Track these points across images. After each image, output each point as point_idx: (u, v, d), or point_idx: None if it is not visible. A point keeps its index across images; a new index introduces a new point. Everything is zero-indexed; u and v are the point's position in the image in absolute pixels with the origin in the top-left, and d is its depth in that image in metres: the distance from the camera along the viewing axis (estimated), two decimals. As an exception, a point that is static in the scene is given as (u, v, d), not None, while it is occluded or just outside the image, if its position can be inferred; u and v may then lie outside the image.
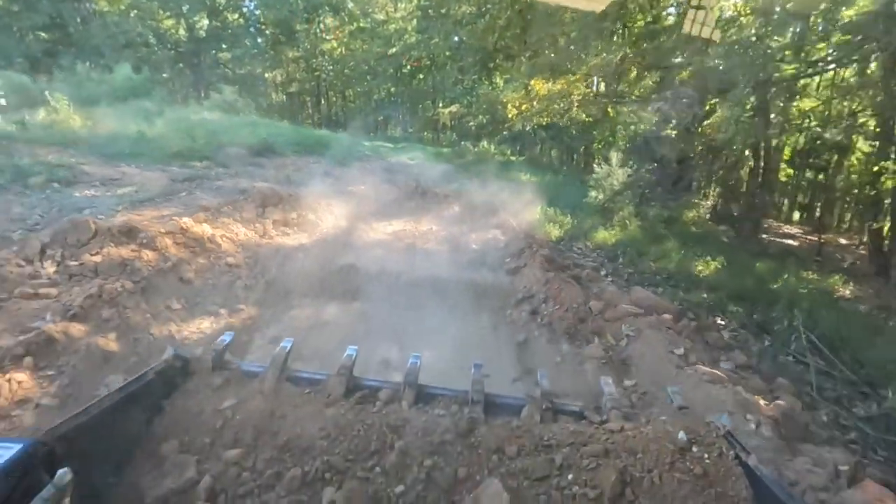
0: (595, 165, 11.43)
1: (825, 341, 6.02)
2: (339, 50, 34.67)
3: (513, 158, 22.23)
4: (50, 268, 4.25)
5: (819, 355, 5.78)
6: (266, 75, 35.73)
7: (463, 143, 24.47)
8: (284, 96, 38.82)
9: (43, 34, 28.15)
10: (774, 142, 15.32)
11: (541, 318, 5.11)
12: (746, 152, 16.53)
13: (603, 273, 7.71)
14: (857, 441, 4.22)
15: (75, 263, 4.33)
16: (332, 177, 11.30)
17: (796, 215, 21.07)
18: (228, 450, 1.97)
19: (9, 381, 3.01)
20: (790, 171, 17.67)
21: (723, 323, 6.47)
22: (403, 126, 36.52)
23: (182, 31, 29.76)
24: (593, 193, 10.80)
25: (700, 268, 8.58)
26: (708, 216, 14.23)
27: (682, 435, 1.98)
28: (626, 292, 6.39)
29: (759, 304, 7.22)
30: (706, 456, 1.91)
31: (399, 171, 13.72)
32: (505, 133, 23.71)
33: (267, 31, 32.53)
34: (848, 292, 9.20)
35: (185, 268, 4.93)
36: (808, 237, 15.92)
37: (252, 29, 33.29)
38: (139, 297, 4.23)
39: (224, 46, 30.68)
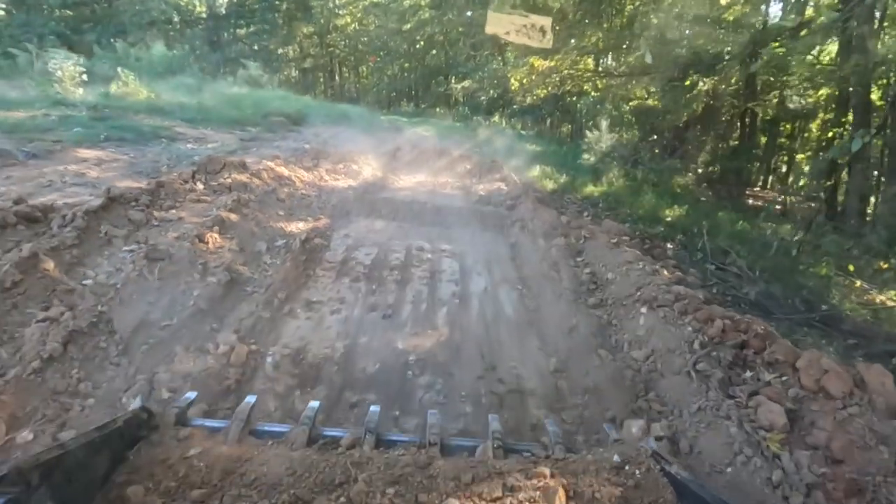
0: (587, 132, 13.77)
1: (745, 259, 8.46)
2: (353, 25, 36.93)
3: (523, 132, 24.49)
4: (200, 185, 6.83)
5: (736, 267, 8.22)
6: (279, 51, 38.00)
7: (475, 117, 26.70)
8: (298, 72, 41.28)
9: (69, 12, 30.52)
10: (761, 113, 17.56)
11: (527, 230, 7.60)
12: (737, 123, 18.78)
13: (584, 214, 10.16)
14: (732, 304, 6.67)
15: (215, 183, 6.91)
16: (361, 142, 13.85)
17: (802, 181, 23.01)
18: (195, 490, 2.09)
19: (210, 236, 5.57)
20: (784, 140, 19.79)
21: (670, 246, 8.92)
22: (416, 101, 38.70)
23: (202, 8, 32.25)
24: (585, 156, 13.18)
25: (667, 212, 10.99)
26: (694, 181, 16.53)
27: (616, 457, 2.39)
28: (598, 224, 8.85)
29: (704, 237, 9.61)
30: (637, 471, 2.30)
31: (416, 139, 16.20)
32: (515, 108, 25.85)
33: (282, 7, 34.91)
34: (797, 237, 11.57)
35: (280, 192, 7.50)
36: (800, 205, 18.17)
37: (267, 4, 35.57)
38: (258, 204, 6.81)
39: (242, 22, 33.11)
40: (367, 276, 5.76)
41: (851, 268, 6.95)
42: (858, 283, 6.64)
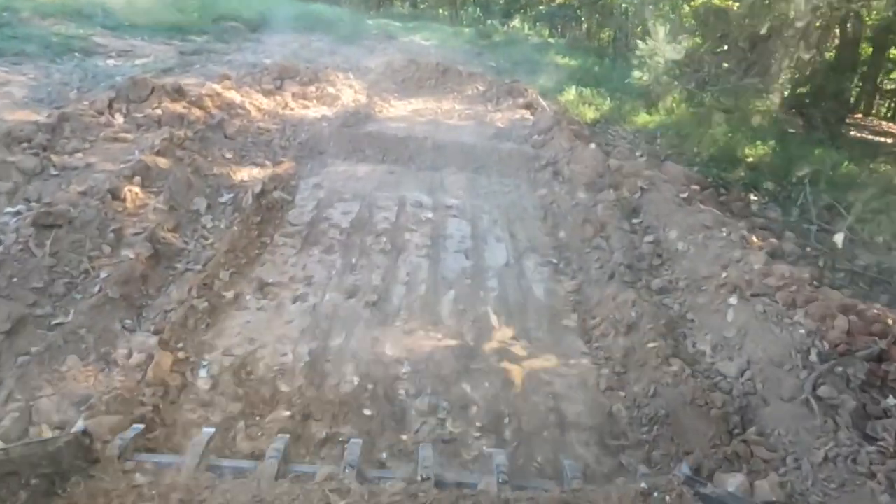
0: (639, 42, 12.77)
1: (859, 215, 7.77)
2: None
3: (551, 40, 23.33)
4: (119, 118, 6.24)
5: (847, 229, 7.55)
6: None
7: (489, 21, 25.42)
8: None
9: None
10: (867, 17, 16.35)
11: (562, 177, 6.96)
12: (836, 31, 17.58)
13: (638, 154, 9.43)
14: (846, 282, 6.05)
15: (140, 115, 6.34)
16: (341, 55, 13.09)
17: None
18: None
19: (129, 190, 4.97)
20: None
21: (754, 198, 8.24)
22: (413, 1, 37.03)
23: None
24: (636, 74, 12.23)
25: (747, 151, 10.25)
26: (780, 106, 15.56)
27: (643, 484, 2.49)
28: (656, 167, 8.15)
29: (807, 189, 8.86)
30: (667, 498, 2.37)
31: (414, 51, 15.32)
32: (542, 9, 24.54)
33: None
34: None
35: (228, 126, 6.89)
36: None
37: None
38: (198, 144, 6.23)
39: None
40: (345, 245, 5.27)
41: None
42: None
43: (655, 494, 2.41)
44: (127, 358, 3.52)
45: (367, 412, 3.47)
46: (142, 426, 2.93)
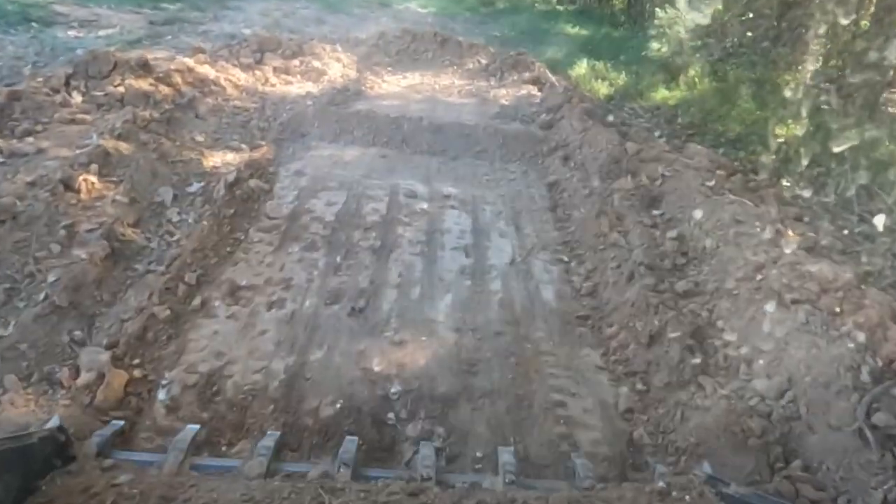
0: (658, 9, 12.46)
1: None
2: None
3: (560, 7, 23.00)
4: (77, 97, 6.03)
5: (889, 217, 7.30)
6: None
7: (493, -14, 25.08)
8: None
9: None
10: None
11: (574, 162, 6.74)
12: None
13: (657, 134, 9.16)
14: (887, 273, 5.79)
15: (100, 94, 6.13)
16: (329, 24, 12.85)
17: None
18: None
19: (84, 180, 4.72)
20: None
21: (786, 184, 7.97)
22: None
23: None
24: (655, 45, 11.92)
25: (778, 131, 9.95)
26: (811, 79, 15.25)
27: (661, 483, 2.55)
28: (678, 150, 7.88)
29: (847, 171, 8.60)
30: (687, 497, 2.41)
31: (410, 20, 15.03)
32: (551, -26, 24.12)
33: None
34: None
35: (200, 105, 6.67)
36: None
37: None
38: (166, 126, 6.03)
39: None
40: (329, 242, 5.08)
41: None
42: None
43: (674, 493, 2.43)
44: (74, 378, 3.31)
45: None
46: (122, 422, 3.00)
